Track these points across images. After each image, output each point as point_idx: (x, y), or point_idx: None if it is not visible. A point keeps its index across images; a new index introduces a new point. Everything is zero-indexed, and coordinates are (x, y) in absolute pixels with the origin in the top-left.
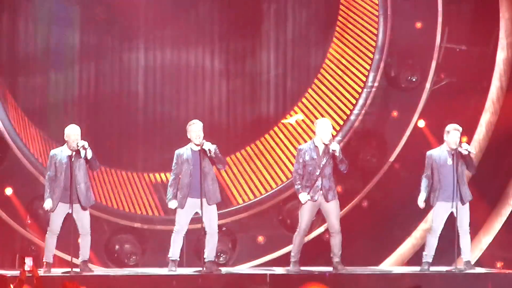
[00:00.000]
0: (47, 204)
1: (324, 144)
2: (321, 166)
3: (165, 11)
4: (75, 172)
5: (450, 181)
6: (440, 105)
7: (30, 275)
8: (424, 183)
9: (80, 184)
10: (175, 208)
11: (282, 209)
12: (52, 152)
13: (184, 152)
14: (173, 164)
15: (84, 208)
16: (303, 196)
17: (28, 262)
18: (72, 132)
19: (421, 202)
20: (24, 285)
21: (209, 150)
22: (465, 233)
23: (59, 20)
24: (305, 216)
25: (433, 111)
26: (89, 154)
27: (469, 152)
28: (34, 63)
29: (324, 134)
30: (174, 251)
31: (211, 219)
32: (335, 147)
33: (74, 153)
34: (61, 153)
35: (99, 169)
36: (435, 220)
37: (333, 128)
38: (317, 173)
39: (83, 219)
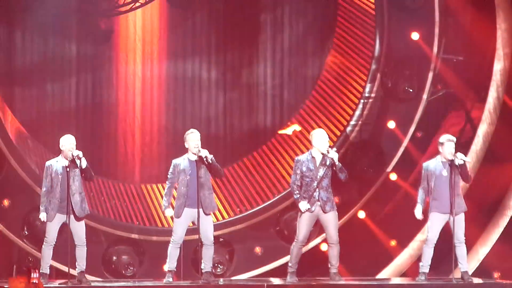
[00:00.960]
0: (42, 216)
1: (321, 154)
2: (319, 177)
3: (162, 22)
4: (70, 183)
5: (445, 192)
6: (437, 115)
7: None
8: (420, 195)
9: (75, 195)
10: (171, 217)
11: (279, 220)
12: (48, 163)
13: (181, 162)
14: (169, 173)
15: (78, 219)
16: (303, 205)
17: (34, 275)
18: (67, 142)
19: (418, 214)
20: None
21: (205, 157)
22: (461, 243)
23: (56, 32)
24: (303, 227)
25: (430, 121)
26: (84, 164)
27: (464, 161)
28: (31, 74)
29: (321, 144)
30: (171, 261)
31: (207, 230)
32: (334, 155)
33: (69, 163)
34: (56, 163)
35: (94, 180)
36: (431, 230)
37: (330, 139)
38: (315, 185)
39: (78, 230)
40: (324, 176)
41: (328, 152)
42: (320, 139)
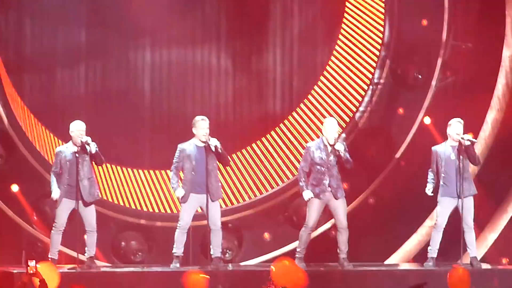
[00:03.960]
0: (55, 194)
1: (329, 144)
2: (329, 165)
3: (172, 9)
4: (79, 168)
5: (453, 176)
6: (446, 102)
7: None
8: (430, 175)
9: (83, 180)
10: (180, 202)
11: (288, 206)
12: (58, 149)
13: (187, 147)
14: (175, 157)
15: (87, 204)
16: (307, 194)
17: (32, 265)
18: (76, 127)
19: (428, 191)
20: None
21: (215, 146)
22: (469, 229)
23: (66, 18)
24: (312, 213)
25: (439, 108)
26: (93, 149)
27: (471, 142)
28: (40, 61)
29: (330, 134)
30: (178, 247)
31: (215, 216)
32: (339, 147)
33: (79, 148)
34: (66, 149)
35: (104, 164)
36: (440, 215)
37: (339, 125)
38: (325, 172)
39: (88, 216)
40: (335, 163)
41: (334, 144)
42: (328, 129)
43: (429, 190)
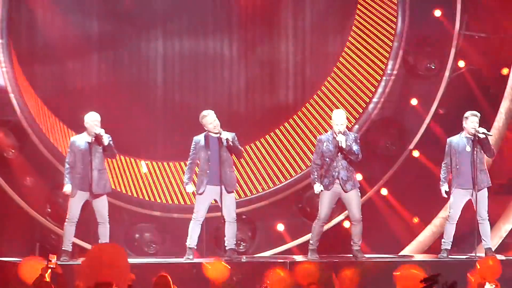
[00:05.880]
0: (67, 188)
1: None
2: (337, 156)
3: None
4: (92, 159)
5: (468, 168)
6: (460, 92)
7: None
8: (443, 173)
9: (93, 171)
10: (193, 194)
11: (301, 197)
12: (72, 139)
13: (202, 138)
14: (191, 149)
15: (95, 196)
16: (317, 187)
17: (52, 259)
18: (91, 119)
19: (443, 193)
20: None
21: (226, 139)
22: (484, 220)
23: (77, 9)
24: (324, 205)
25: (453, 98)
26: (106, 141)
27: (486, 135)
28: (52, 52)
29: (335, 126)
30: (192, 239)
31: (230, 207)
32: (341, 138)
33: (93, 139)
34: (80, 139)
35: (116, 157)
36: (453, 207)
37: (352, 116)
38: (333, 164)
39: (99, 207)
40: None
41: (336, 135)
42: (334, 120)
43: (443, 191)
